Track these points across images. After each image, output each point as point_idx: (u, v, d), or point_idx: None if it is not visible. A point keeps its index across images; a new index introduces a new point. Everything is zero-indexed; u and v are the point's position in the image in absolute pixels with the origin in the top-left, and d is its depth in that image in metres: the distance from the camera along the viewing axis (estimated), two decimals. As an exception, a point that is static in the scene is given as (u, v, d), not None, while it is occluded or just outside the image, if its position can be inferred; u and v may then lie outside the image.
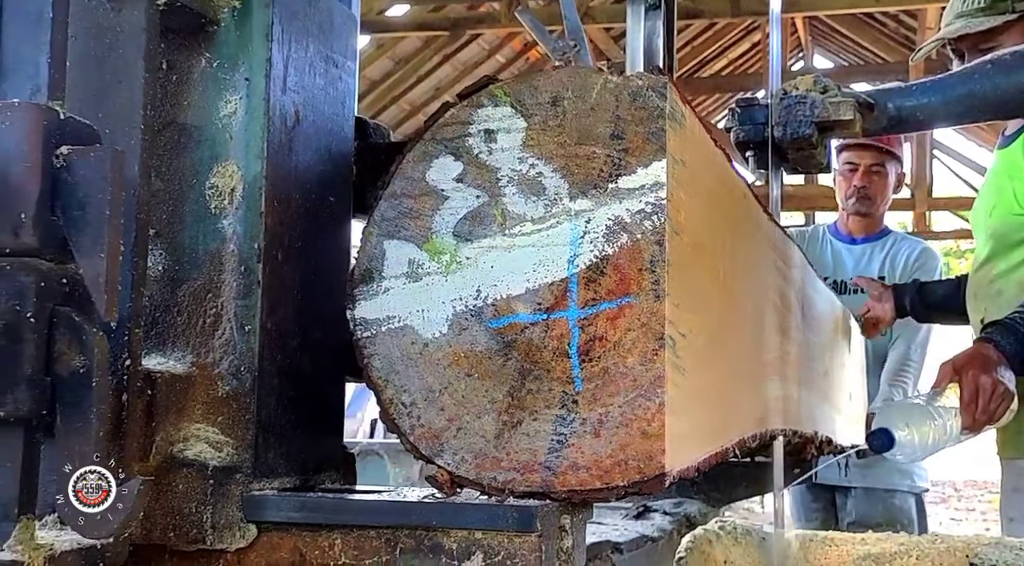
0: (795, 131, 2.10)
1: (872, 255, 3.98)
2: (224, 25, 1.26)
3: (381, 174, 1.47)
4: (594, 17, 13.06)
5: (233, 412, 1.21)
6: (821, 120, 2.10)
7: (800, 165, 2.23)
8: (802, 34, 16.64)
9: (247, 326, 1.22)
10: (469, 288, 1.21)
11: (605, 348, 1.16)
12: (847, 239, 4.06)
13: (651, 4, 3.03)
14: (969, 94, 2.20)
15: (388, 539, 1.17)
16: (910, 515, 3.86)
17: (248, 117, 1.25)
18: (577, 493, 1.16)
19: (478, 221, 1.22)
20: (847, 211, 4.04)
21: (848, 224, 4.08)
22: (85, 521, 1.02)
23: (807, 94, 2.15)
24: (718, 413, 1.37)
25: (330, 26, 1.36)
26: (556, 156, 1.21)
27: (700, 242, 1.29)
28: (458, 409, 1.20)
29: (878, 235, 4.05)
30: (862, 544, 1.87)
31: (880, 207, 4.03)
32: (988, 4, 2.76)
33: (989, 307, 2.66)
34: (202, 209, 1.25)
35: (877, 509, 3.82)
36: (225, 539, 1.18)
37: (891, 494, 3.84)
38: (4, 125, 1.01)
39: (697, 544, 1.76)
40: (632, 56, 3.04)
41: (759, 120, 2.17)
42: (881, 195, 3.99)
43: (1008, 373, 2.24)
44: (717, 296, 1.38)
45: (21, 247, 1.01)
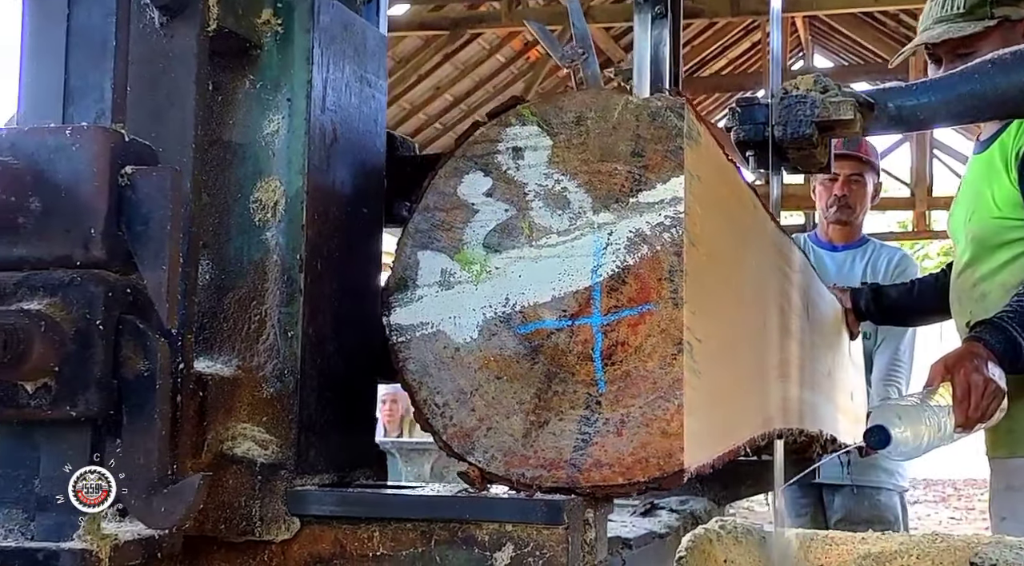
0: (795, 131, 2.11)
1: (853, 262, 4.10)
2: (267, 49, 1.35)
3: (408, 185, 1.57)
4: (594, 17, 13.15)
5: (277, 412, 1.30)
6: (821, 120, 2.11)
7: (800, 165, 2.23)
8: (802, 33, 16.72)
9: (290, 332, 1.31)
10: (498, 296, 1.30)
11: (627, 352, 1.25)
12: (828, 247, 4.20)
13: (658, 12, 3.11)
14: (970, 93, 2.21)
15: (423, 531, 1.26)
16: (895, 512, 3.99)
17: (290, 135, 1.33)
18: (601, 489, 1.25)
19: (507, 233, 1.31)
20: (828, 220, 4.17)
21: (829, 232, 4.21)
22: (151, 513, 1.11)
23: (807, 93, 2.15)
24: (730, 413, 1.46)
25: (364, 48, 1.45)
26: (580, 172, 1.30)
27: (714, 252, 1.38)
28: (488, 410, 1.29)
29: (858, 243, 4.18)
30: (862, 543, 1.87)
31: (859, 215, 4.17)
32: (968, 10, 2.80)
33: (974, 310, 2.71)
34: (246, 222, 1.34)
35: (863, 506, 3.95)
36: (272, 531, 1.27)
37: (877, 491, 3.98)
38: (75, 147, 1.11)
39: (697, 543, 1.78)
40: (639, 63, 3.12)
41: (759, 119, 2.18)
42: (860, 204, 4.13)
43: (998, 371, 2.30)
44: (729, 302, 1.47)
45: (91, 260, 1.10)
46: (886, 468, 3.92)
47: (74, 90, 1.17)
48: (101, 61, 1.17)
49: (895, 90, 2.27)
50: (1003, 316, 2.38)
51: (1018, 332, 2.35)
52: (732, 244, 1.50)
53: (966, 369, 2.27)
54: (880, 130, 2.26)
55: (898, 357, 3.90)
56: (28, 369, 1.07)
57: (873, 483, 3.96)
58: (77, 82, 1.17)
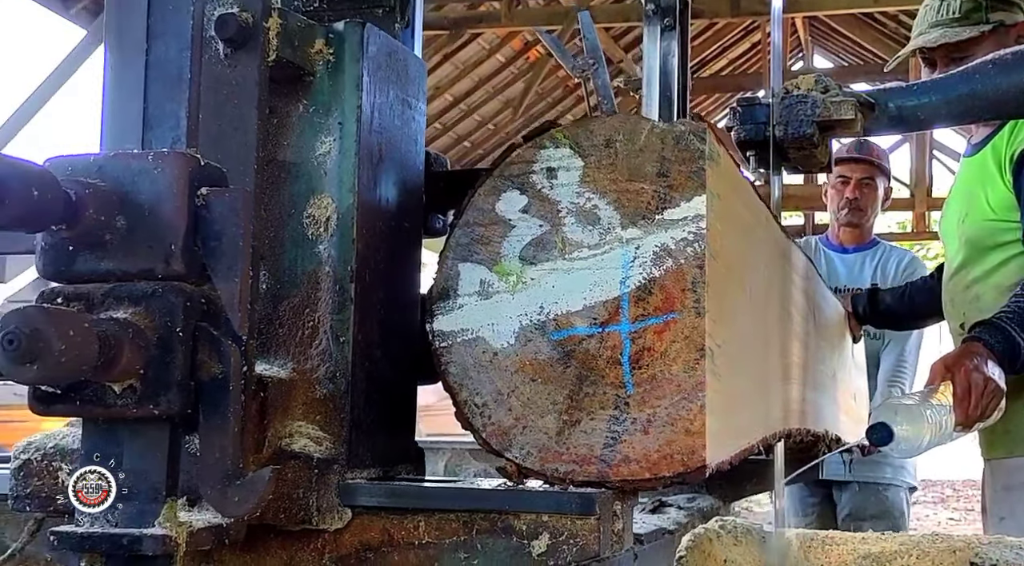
0: (796, 130, 2.12)
1: (864, 264, 4.23)
2: (319, 76, 1.48)
3: (441, 199, 1.70)
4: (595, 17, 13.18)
5: (330, 412, 1.43)
6: (822, 119, 2.12)
7: (801, 164, 2.25)
8: (802, 34, 16.85)
9: (341, 337, 1.44)
10: (533, 305, 1.43)
11: (653, 357, 1.38)
12: (839, 249, 4.32)
13: (667, 25, 3.24)
14: (970, 94, 2.22)
15: (465, 522, 1.39)
16: (901, 508, 4.13)
17: (341, 156, 1.46)
18: (629, 483, 1.38)
19: (541, 247, 1.44)
20: (839, 222, 4.29)
21: (839, 235, 4.33)
22: (226, 502, 1.24)
23: (808, 93, 2.16)
24: (746, 413, 1.59)
25: (405, 74, 1.58)
26: (609, 191, 1.43)
27: (731, 263, 1.51)
28: (524, 410, 1.42)
29: (868, 245, 4.30)
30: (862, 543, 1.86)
31: (870, 218, 4.29)
32: (964, 15, 2.85)
33: (968, 312, 2.77)
34: (300, 235, 1.46)
35: (871, 502, 4.09)
36: (326, 521, 1.40)
37: (885, 488, 4.11)
38: (157, 171, 1.23)
39: (697, 543, 1.78)
40: (648, 74, 3.25)
41: (760, 119, 2.18)
42: (871, 207, 4.25)
43: (997, 370, 2.37)
44: (744, 309, 1.60)
45: (171, 273, 1.23)
46: (892, 465, 4.06)
47: (152, 118, 1.29)
48: (176, 91, 1.29)
49: (896, 90, 2.29)
50: (1002, 316, 2.47)
51: (1017, 332, 2.43)
52: (746, 255, 1.63)
53: (966, 368, 2.32)
54: (880, 130, 2.29)
55: (903, 358, 4.03)
56: (118, 372, 1.19)
57: (880, 480, 4.10)
58: (155, 111, 1.29)
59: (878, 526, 3.98)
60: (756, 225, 1.73)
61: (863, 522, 4.05)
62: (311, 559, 1.43)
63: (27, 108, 9.94)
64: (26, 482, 1.44)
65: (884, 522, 4.03)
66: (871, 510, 4.07)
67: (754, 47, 16.85)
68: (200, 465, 1.25)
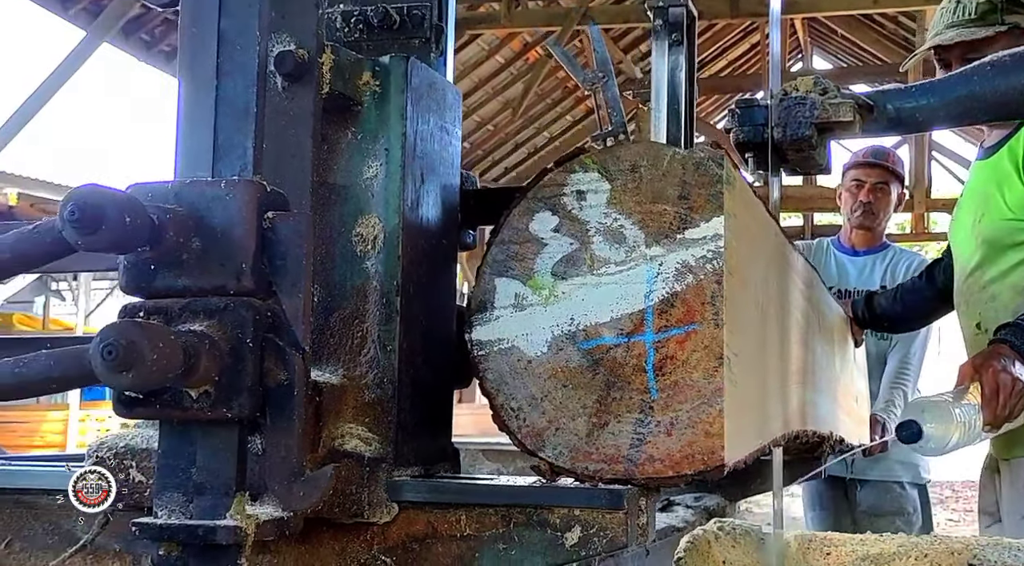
0: (794, 132, 2.14)
1: (874, 266, 4.37)
2: (367, 106, 1.62)
3: (471, 216, 1.84)
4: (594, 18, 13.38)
5: (378, 414, 1.57)
6: (820, 121, 2.15)
7: (799, 166, 2.27)
8: (801, 35, 17.02)
9: (388, 346, 1.58)
10: (564, 317, 1.57)
11: (675, 365, 1.52)
12: (850, 251, 4.46)
13: (674, 40, 3.39)
14: (968, 95, 2.24)
15: (504, 515, 1.53)
16: (915, 504, 4.30)
17: (387, 179, 1.61)
18: (653, 480, 1.53)
19: (571, 263, 1.58)
20: (852, 224, 4.43)
21: (851, 237, 4.47)
22: (291, 497, 1.38)
23: (807, 95, 2.18)
24: (759, 416, 1.74)
25: (444, 102, 1.73)
26: (635, 212, 1.57)
27: (745, 278, 1.66)
28: (556, 413, 1.56)
29: (878, 248, 4.45)
30: (861, 545, 1.89)
31: (882, 222, 4.43)
32: (979, 16, 2.92)
33: (984, 313, 2.85)
34: (349, 253, 1.61)
35: (886, 499, 4.25)
36: (376, 514, 1.54)
37: (899, 485, 4.27)
38: (229, 197, 1.38)
39: (696, 544, 1.82)
40: (657, 87, 3.40)
41: (759, 121, 2.20)
42: (884, 211, 4.39)
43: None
44: (757, 320, 1.74)
45: (241, 289, 1.37)
46: (904, 463, 4.23)
47: (222, 148, 1.43)
48: (243, 123, 1.44)
49: (894, 92, 2.31)
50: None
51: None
52: (759, 269, 1.78)
53: (994, 369, 2.37)
54: (879, 132, 2.31)
55: (907, 361, 4.18)
56: (196, 379, 1.34)
57: (893, 478, 4.27)
58: (224, 141, 1.43)
59: (893, 522, 4.16)
60: (765, 240, 1.88)
61: (879, 518, 4.22)
62: (361, 550, 1.57)
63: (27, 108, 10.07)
64: (100, 479, 1.57)
65: (900, 518, 4.21)
66: (887, 507, 4.25)
67: (753, 48, 17.02)
68: (268, 463, 1.40)
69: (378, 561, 1.56)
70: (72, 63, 10.33)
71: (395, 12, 1.80)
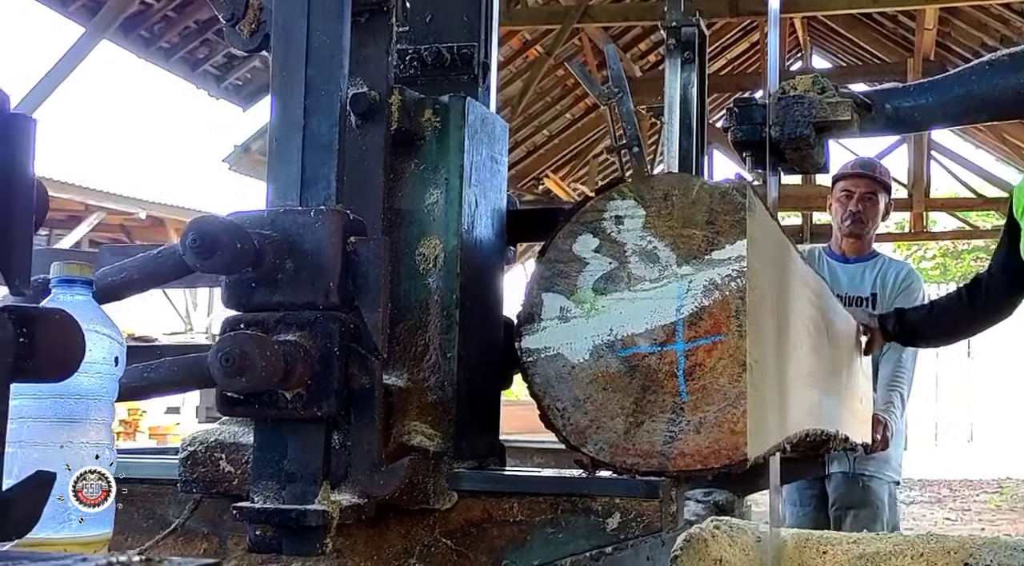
0: (792, 131, 2.17)
1: (864, 273, 4.65)
2: (428, 140, 1.86)
3: (512, 234, 2.07)
4: (593, 16, 13.60)
5: (439, 414, 1.81)
6: (818, 120, 2.18)
7: (797, 165, 2.31)
8: (800, 34, 17.22)
9: (448, 353, 1.82)
10: (604, 328, 1.81)
11: (703, 371, 1.76)
12: (841, 258, 4.73)
13: (686, 58, 3.63)
14: (966, 95, 2.28)
15: (552, 503, 1.77)
16: (883, 498, 4.56)
17: (447, 205, 1.84)
18: (684, 473, 1.76)
19: (610, 280, 1.82)
20: (842, 233, 4.70)
21: (842, 245, 4.74)
22: (372, 485, 1.62)
23: (805, 94, 2.21)
24: (776, 416, 1.97)
25: (494, 135, 1.96)
26: (667, 235, 1.81)
27: (764, 292, 1.89)
28: (597, 413, 1.80)
29: (868, 256, 4.72)
30: (856, 544, 1.95)
31: (870, 230, 4.70)
32: None
33: None
34: (413, 270, 1.84)
35: (855, 492, 4.52)
36: (439, 502, 1.78)
37: (868, 479, 4.54)
38: (317, 224, 1.61)
39: (692, 542, 1.87)
40: (669, 102, 3.64)
41: (757, 120, 2.24)
42: (872, 220, 4.66)
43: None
44: (774, 329, 1.98)
45: (329, 304, 1.61)
46: (877, 459, 4.49)
47: (308, 180, 1.66)
48: (327, 158, 1.67)
49: (892, 91, 2.37)
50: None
51: None
52: (775, 283, 2.01)
53: None
54: (877, 131, 2.35)
55: (901, 365, 4.44)
56: (292, 382, 1.57)
57: (866, 472, 4.53)
58: (310, 174, 1.67)
59: (861, 514, 4.43)
60: (781, 256, 2.11)
61: (848, 510, 4.50)
62: (424, 533, 1.81)
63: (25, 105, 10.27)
64: (192, 469, 1.81)
65: (867, 510, 4.48)
66: (854, 499, 4.52)
67: (753, 47, 17.20)
68: (352, 456, 1.63)
69: (440, 543, 1.80)
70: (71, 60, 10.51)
71: (447, 51, 2.03)
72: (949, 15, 14.22)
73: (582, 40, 15.01)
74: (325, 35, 1.68)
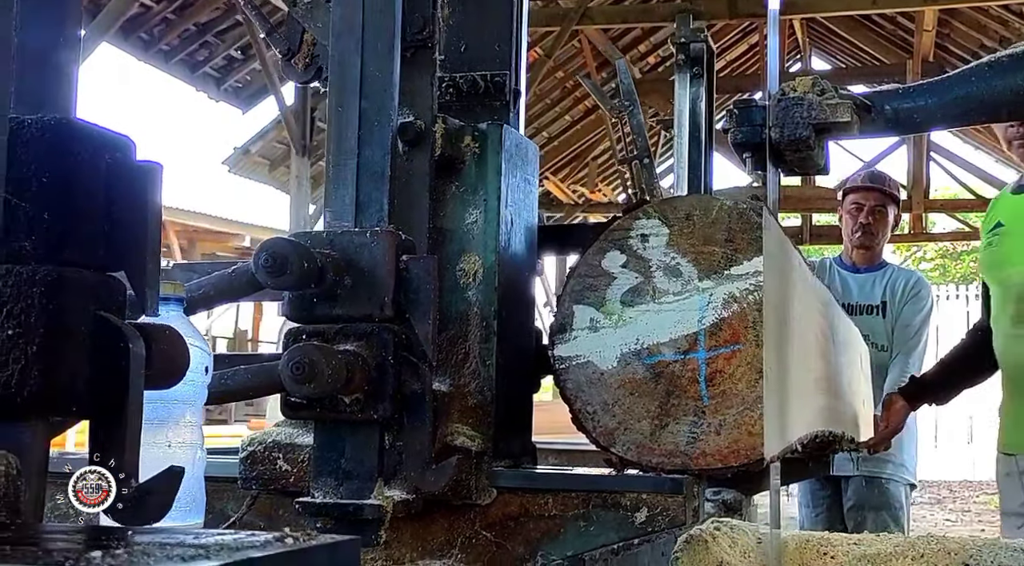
0: (792, 133, 2.19)
1: (874, 283, 4.83)
2: (468, 164, 2.04)
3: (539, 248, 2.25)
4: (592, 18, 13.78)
5: (479, 417, 1.99)
6: (818, 122, 2.20)
7: (797, 167, 2.32)
8: (800, 36, 17.42)
9: (487, 361, 2.00)
10: (631, 337, 1.99)
11: (723, 377, 1.94)
12: (851, 269, 4.91)
13: (695, 73, 3.82)
14: (966, 96, 2.30)
15: (584, 498, 1.95)
16: (900, 501, 4.75)
17: (485, 224, 2.02)
18: (705, 471, 1.94)
19: (637, 293, 2.00)
20: (853, 244, 4.88)
21: (852, 256, 4.93)
22: (424, 481, 1.80)
23: (804, 96, 2.23)
24: (790, 418, 2.15)
25: (527, 158, 2.14)
26: (689, 252, 1.99)
27: (778, 304, 2.07)
28: (625, 416, 1.98)
29: (878, 267, 4.90)
30: (857, 545, 1.96)
31: (880, 241, 4.88)
32: None
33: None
34: (454, 284, 2.02)
35: (873, 494, 4.70)
36: (481, 498, 1.96)
37: (886, 482, 4.72)
38: (374, 244, 1.79)
39: (693, 543, 1.89)
40: (679, 116, 3.83)
41: (756, 122, 2.26)
42: (882, 231, 4.85)
43: None
44: (786, 338, 2.16)
45: (384, 317, 1.78)
46: (894, 462, 4.67)
47: (362, 204, 1.84)
48: (380, 183, 1.85)
49: (892, 93, 2.38)
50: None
51: None
52: (787, 295, 2.19)
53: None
54: (877, 133, 2.36)
55: (906, 370, 4.62)
56: (352, 388, 1.75)
57: (883, 475, 4.71)
58: (364, 198, 1.85)
59: (879, 517, 4.61)
60: (792, 270, 2.29)
61: (866, 512, 4.67)
62: (466, 526, 1.99)
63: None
64: (252, 468, 1.99)
65: (885, 513, 4.65)
66: (873, 502, 4.69)
67: (752, 49, 17.41)
68: (404, 455, 1.81)
69: (480, 535, 1.98)
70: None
71: (481, 79, 2.20)
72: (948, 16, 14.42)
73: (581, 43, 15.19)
74: (377, 71, 1.86)
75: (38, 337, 1.05)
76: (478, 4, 2.21)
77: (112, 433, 1.14)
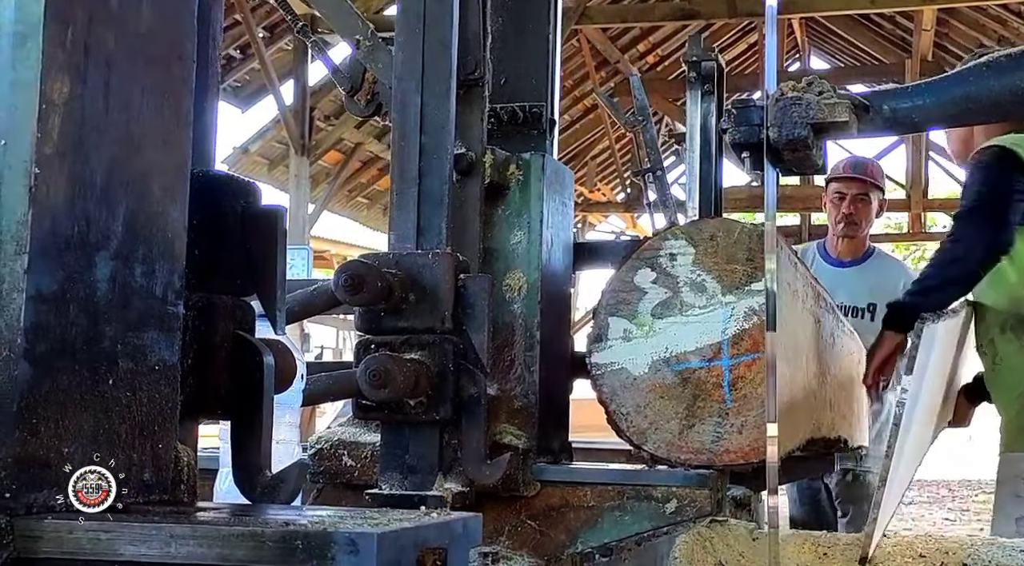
0: (790, 132, 2.20)
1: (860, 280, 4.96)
2: (512, 189, 2.29)
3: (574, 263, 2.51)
4: (591, 17, 13.96)
5: (524, 418, 2.25)
6: (816, 121, 2.21)
7: (795, 166, 2.33)
8: (799, 35, 17.59)
9: (531, 367, 2.26)
10: (661, 346, 2.25)
11: (745, 382, 2.20)
12: (836, 262, 5.04)
13: (706, 90, 4.07)
14: (964, 96, 2.32)
15: (619, 491, 2.21)
16: None
17: (528, 244, 2.28)
18: (728, 466, 2.20)
19: (666, 307, 2.26)
20: (836, 234, 5.05)
21: (837, 247, 5.07)
22: (481, 474, 2.06)
23: (802, 95, 2.24)
24: (798, 420, 2.42)
25: (564, 183, 2.40)
26: (713, 270, 2.25)
27: (789, 317, 2.33)
28: (655, 417, 2.24)
29: (863, 257, 5.05)
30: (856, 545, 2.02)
31: (864, 230, 5.04)
32: None
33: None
34: (501, 298, 2.28)
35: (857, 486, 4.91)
36: (527, 490, 2.21)
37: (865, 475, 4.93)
38: (435, 264, 2.05)
39: (691, 543, 1.95)
40: (690, 131, 4.08)
41: (754, 121, 2.26)
42: (865, 220, 5.00)
43: None
44: (794, 347, 2.42)
45: (444, 330, 2.04)
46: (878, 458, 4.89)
47: (423, 228, 2.10)
48: (439, 210, 2.11)
49: (890, 92, 2.40)
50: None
51: None
52: (796, 308, 2.45)
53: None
54: (875, 132, 2.38)
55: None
56: (416, 392, 2.01)
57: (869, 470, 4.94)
58: (425, 223, 2.10)
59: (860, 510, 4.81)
60: (797, 282, 2.56)
61: (851, 505, 4.87)
62: (512, 516, 2.25)
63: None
64: (319, 463, 2.25)
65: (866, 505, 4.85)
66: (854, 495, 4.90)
67: (751, 48, 17.57)
68: (462, 452, 2.07)
69: (525, 524, 2.24)
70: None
71: (520, 110, 2.46)
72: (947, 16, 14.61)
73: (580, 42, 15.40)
74: (435, 109, 2.11)
75: (192, 353, 1.32)
76: (518, 42, 2.47)
77: (249, 432, 1.40)
